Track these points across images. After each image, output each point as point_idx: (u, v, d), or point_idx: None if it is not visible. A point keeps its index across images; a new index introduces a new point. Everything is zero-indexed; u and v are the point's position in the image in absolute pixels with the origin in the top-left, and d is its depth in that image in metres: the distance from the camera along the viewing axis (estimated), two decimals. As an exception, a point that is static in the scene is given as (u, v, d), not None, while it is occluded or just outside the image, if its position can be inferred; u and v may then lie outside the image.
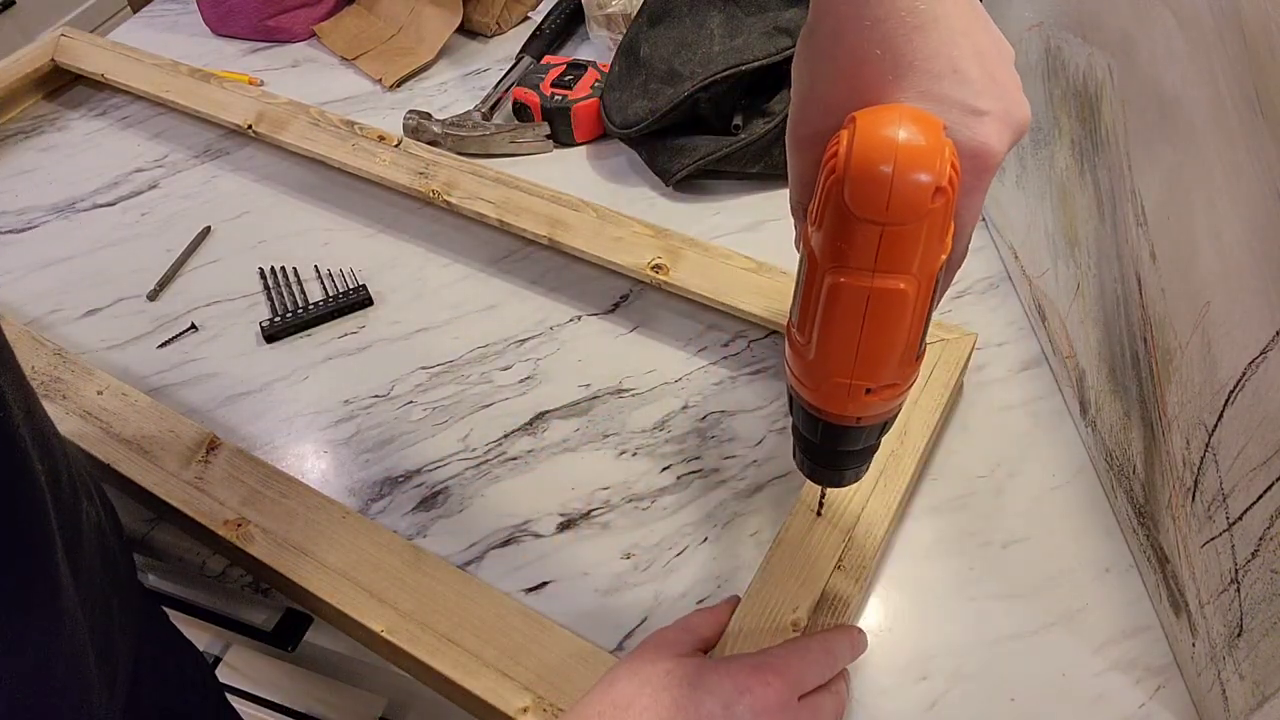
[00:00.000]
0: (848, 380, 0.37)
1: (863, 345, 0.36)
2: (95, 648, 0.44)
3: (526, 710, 0.47)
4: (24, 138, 0.93)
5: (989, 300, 0.69)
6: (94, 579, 0.45)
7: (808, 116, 0.36)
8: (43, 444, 0.42)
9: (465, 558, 0.58)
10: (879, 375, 0.37)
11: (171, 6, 1.11)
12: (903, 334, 0.35)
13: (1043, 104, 0.61)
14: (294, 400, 0.68)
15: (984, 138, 0.33)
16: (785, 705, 0.41)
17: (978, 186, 0.35)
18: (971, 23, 0.33)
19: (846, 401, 0.38)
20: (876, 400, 0.38)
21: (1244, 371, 0.41)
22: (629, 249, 0.68)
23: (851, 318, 0.35)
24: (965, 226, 0.36)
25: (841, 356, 0.36)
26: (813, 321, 0.37)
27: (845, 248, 0.34)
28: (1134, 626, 0.52)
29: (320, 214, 0.82)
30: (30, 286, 0.78)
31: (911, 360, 0.37)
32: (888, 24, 0.32)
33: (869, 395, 0.37)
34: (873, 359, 0.36)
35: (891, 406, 0.39)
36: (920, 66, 0.33)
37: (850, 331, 0.35)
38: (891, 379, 0.37)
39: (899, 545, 0.56)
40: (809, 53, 0.35)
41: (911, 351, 0.37)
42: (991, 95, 0.33)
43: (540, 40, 0.94)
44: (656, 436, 0.63)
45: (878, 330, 0.35)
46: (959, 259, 0.38)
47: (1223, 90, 0.40)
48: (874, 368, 0.37)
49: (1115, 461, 0.55)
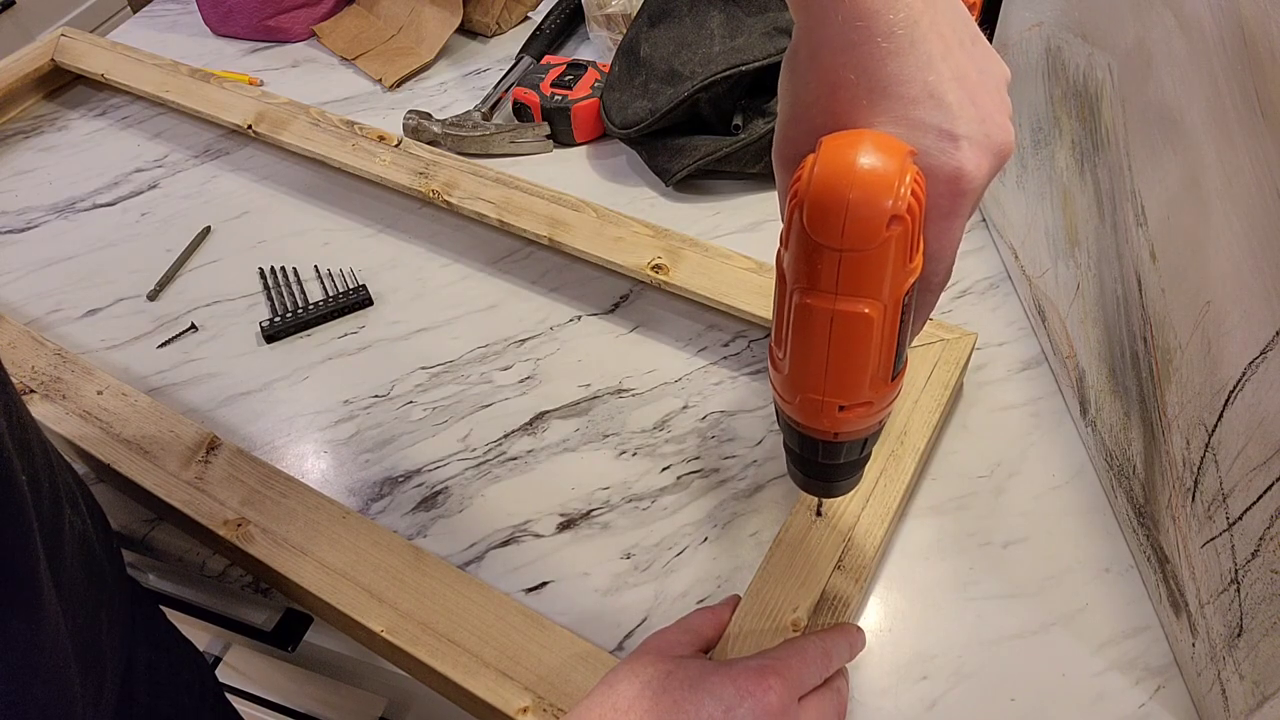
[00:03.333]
0: (820, 397, 0.37)
1: (831, 365, 0.36)
2: (79, 659, 0.43)
3: (526, 711, 0.47)
4: (24, 138, 0.93)
5: (989, 300, 0.69)
6: (77, 589, 0.45)
7: (790, 137, 0.36)
8: (25, 451, 0.42)
9: (465, 558, 0.58)
10: (851, 394, 0.37)
11: (171, 6, 1.11)
12: (871, 356, 0.36)
13: (1043, 104, 0.61)
14: (294, 400, 0.68)
15: (959, 163, 0.33)
16: (786, 708, 0.41)
17: (955, 211, 0.35)
18: (953, 47, 0.33)
19: (822, 417, 0.39)
20: (852, 417, 0.38)
21: (1244, 372, 0.41)
22: (629, 249, 0.68)
23: (819, 338, 0.35)
24: (945, 250, 0.36)
25: (813, 374, 0.37)
26: (785, 338, 0.37)
27: (809, 270, 0.34)
28: (1134, 626, 0.52)
29: (320, 214, 0.82)
30: (30, 286, 0.78)
31: (885, 380, 0.37)
32: (864, 48, 0.32)
33: (844, 413, 0.38)
34: (843, 378, 0.37)
35: (869, 424, 0.40)
36: (895, 91, 0.33)
37: (819, 351, 0.36)
38: (865, 398, 0.37)
39: (899, 545, 0.56)
40: (790, 74, 0.35)
41: (884, 372, 0.37)
42: (970, 120, 0.33)
43: (540, 40, 0.94)
44: (656, 436, 0.63)
45: (845, 351, 0.35)
46: (940, 281, 0.38)
47: (1223, 90, 0.40)
48: (845, 387, 0.37)
49: (1115, 461, 0.55)
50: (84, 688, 0.44)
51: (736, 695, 0.40)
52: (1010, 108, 0.36)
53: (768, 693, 0.40)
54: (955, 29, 0.34)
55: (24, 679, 0.39)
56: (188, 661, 0.59)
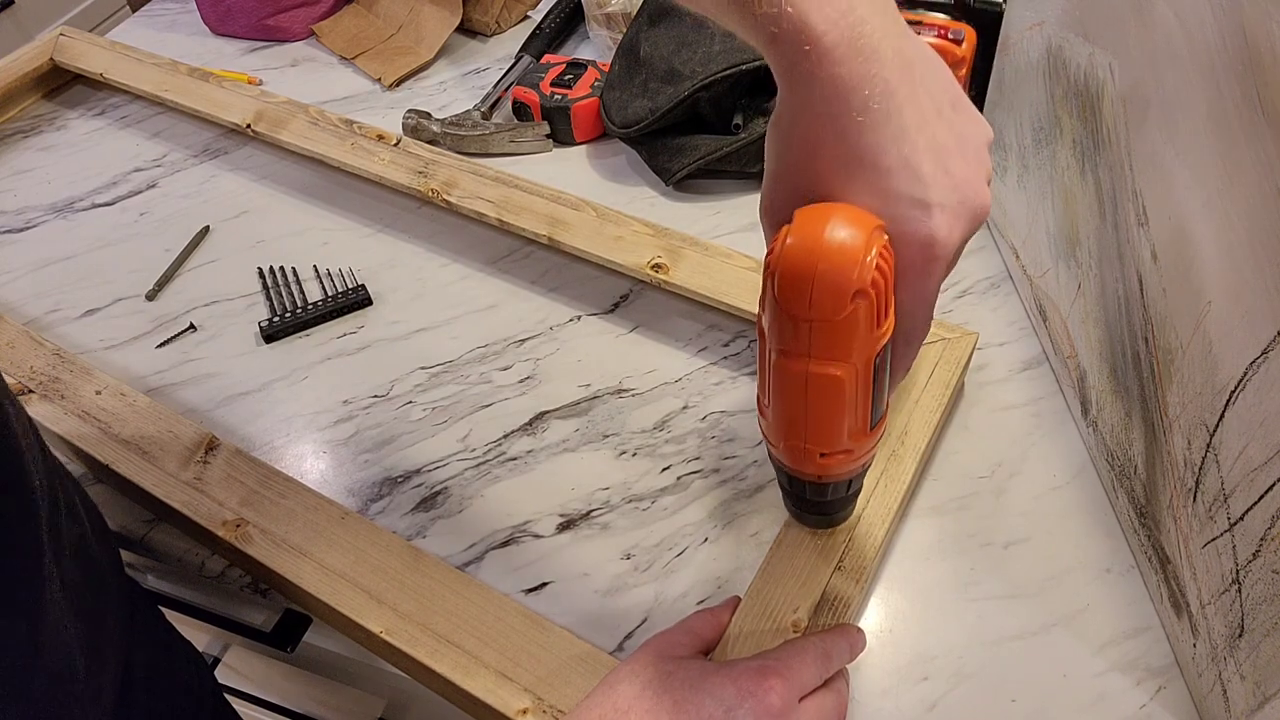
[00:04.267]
0: (802, 444, 0.40)
1: (809, 417, 0.38)
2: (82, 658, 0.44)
3: (526, 712, 0.47)
4: (23, 137, 0.93)
5: (990, 300, 0.69)
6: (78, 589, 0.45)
7: (773, 195, 0.38)
8: (31, 451, 0.42)
9: (465, 558, 0.58)
10: (830, 443, 0.39)
11: (170, 6, 1.11)
12: (845, 412, 0.38)
13: (1044, 103, 0.61)
14: (293, 400, 0.67)
15: (931, 230, 0.35)
16: (787, 709, 0.41)
17: (929, 273, 0.36)
18: (929, 118, 0.34)
19: (806, 462, 0.41)
20: (833, 464, 0.40)
21: (1245, 372, 0.41)
22: (629, 248, 0.68)
23: (796, 393, 0.37)
24: (920, 308, 0.38)
25: (793, 423, 0.39)
26: (768, 390, 0.39)
27: (783, 334, 0.36)
28: (1135, 627, 0.52)
29: (319, 213, 0.82)
30: (29, 286, 0.78)
31: (864, 432, 0.39)
32: (842, 120, 0.33)
33: (825, 459, 0.40)
34: (821, 430, 0.39)
35: (851, 469, 0.42)
36: (871, 161, 0.34)
37: (798, 405, 0.38)
38: (844, 446, 0.40)
39: (899, 546, 0.56)
40: (774, 135, 0.37)
41: (861, 424, 0.39)
42: (943, 189, 0.34)
43: (540, 39, 0.94)
44: (656, 436, 0.63)
45: (821, 407, 0.38)
46: (918, 336, 0.39)
47: (1224, 89, 0.40)
48: (824, 437, 0.39)
49: (1116, 462, 0.55)
50: (87, 687, 0.44)
51: (737, 696, 0.40)
52: (989, 168, 0.37)
53: (768, 693, 0.41)
54: (934, 96, 0.35)
55: (25, 679, 0.39)
56: (186, 662, 0.59)
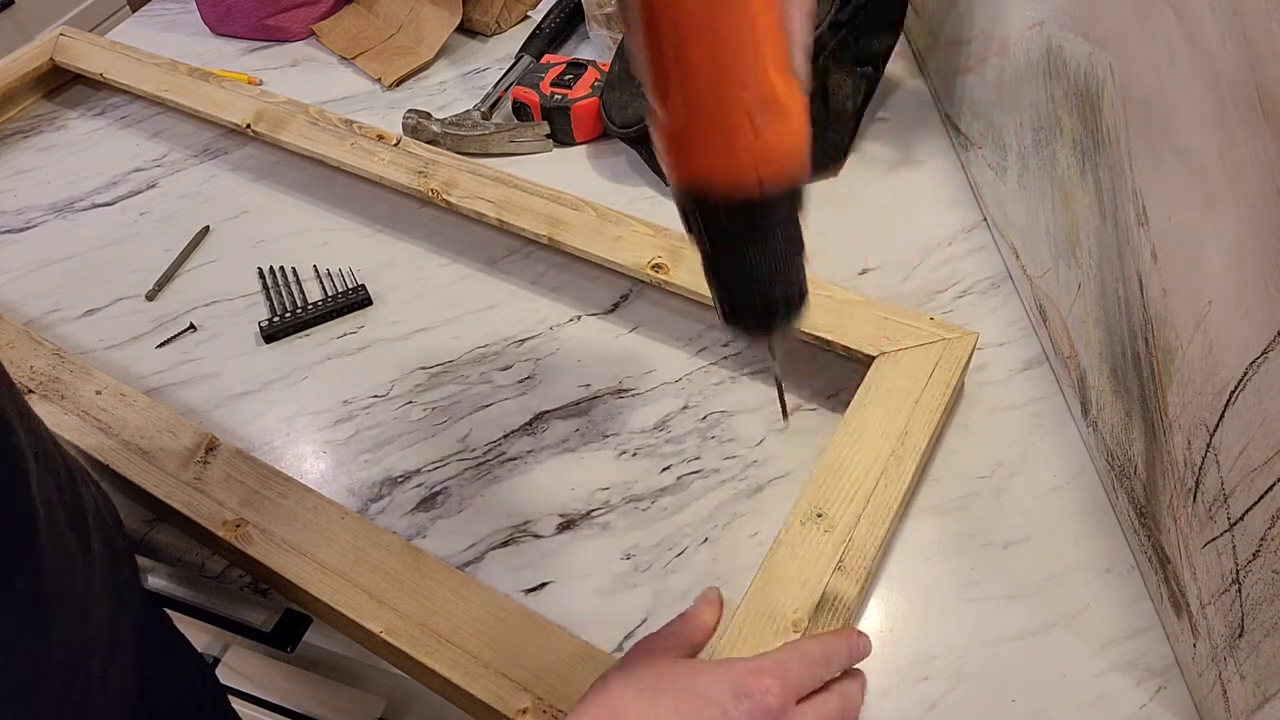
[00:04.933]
0: (724, 108, 0.34)
1: (722, 42, 0.33)
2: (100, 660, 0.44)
3: (526, 712, 0.47)
4: (23, 137, 0.93)
5: (990, 300, 0.69)
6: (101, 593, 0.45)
7: None
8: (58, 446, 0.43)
9: (465, 558, 0.58)
10: (756, 80, 0.34)
11: (170, 6, 1.11)
12: (758, 21, 0.33)
13: (1044, 103, 0.61)
14: (293, 400, 0.67)
15: None
16: (784, 709, 0.41)
17: None
18: None
19: (737, 148, 0.35)
20: (772, 139, 0.34)
21: (1245, 372, 0.41)
22: (629, 248, 0.68)
23: (702, 13, 0.33)
24: None
25: (708, 74, 0.34)
26: (668, 64, 0.34)
27: None
28: (1135, 627, 0.52)
29: (319, 213, 0.82)
30: (29, 286, 0.78)
31: (787, 69, 0.34)
32: None
33: (759, 136, 0.34)
34: (740, 57, 0.33)
35: (790, 153, 0.36)
36: None
37: (706, 34, 0.33)
38: (772, 91, 0.34)
39: (899, 546, 0.56)
40: None
41: (782, 52, 0.34)
42: None
43: (540, 39, 0.94)
44: (656, 436, 0.63)
45: (730, 25, 0.33)
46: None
47: (1223, 89, 0.40)
48: (746, 70, 0.34)
49: (1116, 462, 0.55)
50: (103, 682, 0.44)
51: (732, 695, 0.40)
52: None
53: (765, 694, 0.40)
54: None
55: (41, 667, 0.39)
56: (187, 662, 0.59)
